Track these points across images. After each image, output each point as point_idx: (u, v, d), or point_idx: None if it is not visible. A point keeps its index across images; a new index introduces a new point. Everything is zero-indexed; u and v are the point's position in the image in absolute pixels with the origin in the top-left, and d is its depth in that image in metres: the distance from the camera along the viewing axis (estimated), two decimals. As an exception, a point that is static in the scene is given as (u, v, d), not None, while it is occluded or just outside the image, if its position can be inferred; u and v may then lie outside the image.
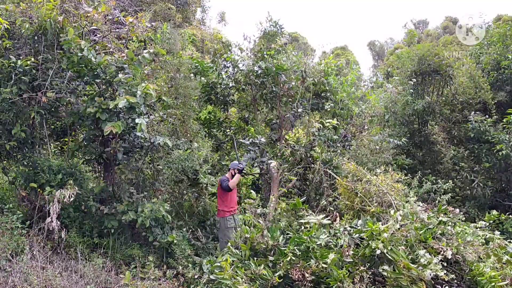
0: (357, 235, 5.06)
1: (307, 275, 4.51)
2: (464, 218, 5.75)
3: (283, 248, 5.01)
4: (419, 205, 5.57)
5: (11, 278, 4.59)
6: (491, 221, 7.39)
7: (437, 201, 7.37)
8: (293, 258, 4.73)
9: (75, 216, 5.85)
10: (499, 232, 5.68)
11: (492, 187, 9.62)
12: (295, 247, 4.89)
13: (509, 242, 5.41)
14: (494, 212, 7.60)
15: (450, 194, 7.83)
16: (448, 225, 5.04)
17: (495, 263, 4.71)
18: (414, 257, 4.57)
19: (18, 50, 6.00)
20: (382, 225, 4.90)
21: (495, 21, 21.69)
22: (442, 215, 5.31)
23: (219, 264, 4.85)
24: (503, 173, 9.79)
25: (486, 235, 5.37)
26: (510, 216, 7.82)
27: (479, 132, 9.77)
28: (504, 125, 9.64)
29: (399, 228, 4.82)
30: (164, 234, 6.09)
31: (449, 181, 8.53)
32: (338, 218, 6.09)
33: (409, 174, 8.18)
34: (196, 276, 5.34)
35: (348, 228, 5.23)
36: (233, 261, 5.01)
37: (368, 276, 4.46)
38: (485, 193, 9.40)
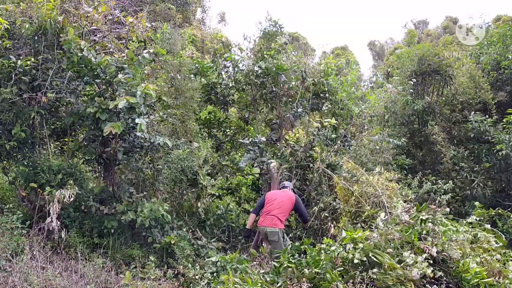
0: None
1: (304, 287, 4.50)
2: (451, 216, 5.59)
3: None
4: (402, 205, 5.53)
5: (11, 278, 4.59)
6: (489, 221, 7.29)
7: (437, 201, 7.36)
8: (289, 265, 4.69)
9: (75, 216, 5.85)
10: (489, 225, 5.50)
11: (492, 187, 9.60)
12: (290, 255, 4.88)
13: (495, 236, 5.22)
14: (484, 209, 7.40)
15: (450, 194, 7.82)
16: (429, 223, 4.99)
17: (481, 258, 4.65)
18: (402, 258, 4.56)
19: (18, 50, 6.01)
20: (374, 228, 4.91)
21: (495, 21, 21.71)
22: (423, 213, 5.23)
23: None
24: (503, 173, 9.77)
25: (477, 233, 5.25)
26: (500, 211, 7.54)
27: (479, 132, 9.75)
28: (504, 125, 9.61)
29: (382, 233, 4.79)
30: (164, 234, 6.09)
31: (449, 181, 8.52)
32: (332, 229, 6.06)
33: (409, 174, 8.16)
34: (197, 276, 5.34)
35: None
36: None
37: (365, 279, 4.45)
38: (485, 193, 9.39)
